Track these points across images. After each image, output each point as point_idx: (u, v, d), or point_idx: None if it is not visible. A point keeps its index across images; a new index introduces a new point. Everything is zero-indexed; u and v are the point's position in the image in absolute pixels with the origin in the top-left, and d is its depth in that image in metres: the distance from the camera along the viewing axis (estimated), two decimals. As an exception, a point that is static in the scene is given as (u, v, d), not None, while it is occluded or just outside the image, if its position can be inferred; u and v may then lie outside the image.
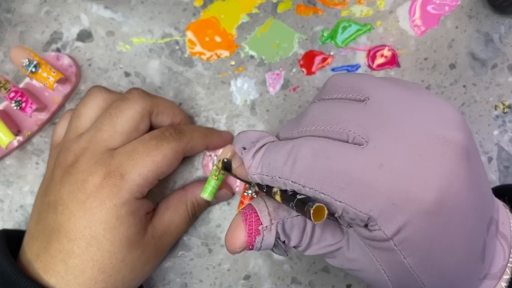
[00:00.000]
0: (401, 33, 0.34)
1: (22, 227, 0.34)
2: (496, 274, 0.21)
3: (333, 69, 0.34)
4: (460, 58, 0.34)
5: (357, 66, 0.34)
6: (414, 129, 0.19)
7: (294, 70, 0.34)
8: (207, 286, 0.34)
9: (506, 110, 0.34)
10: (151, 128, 0.31)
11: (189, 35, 0.35)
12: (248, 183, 0.28)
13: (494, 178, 0.34)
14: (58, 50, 0.35)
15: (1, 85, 0.31)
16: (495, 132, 0.34)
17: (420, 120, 0.19)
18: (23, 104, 0.31)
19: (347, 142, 0.20)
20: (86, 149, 0.28)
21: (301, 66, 0.34)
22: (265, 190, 0.23)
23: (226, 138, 0.33)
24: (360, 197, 0.18)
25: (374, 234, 0.19)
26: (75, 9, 0.35)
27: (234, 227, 0.22)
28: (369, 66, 0.34)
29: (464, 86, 0.34)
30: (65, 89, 0.34)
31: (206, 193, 0.30)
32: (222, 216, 0.34)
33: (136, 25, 0.35)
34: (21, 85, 0.34)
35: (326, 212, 0.18)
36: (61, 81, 0.33)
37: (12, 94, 0.31)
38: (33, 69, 0.31)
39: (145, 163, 0.27)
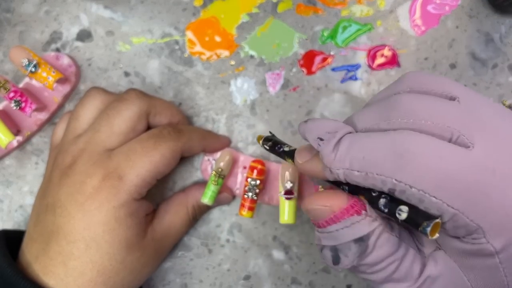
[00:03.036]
0: (402, 33, 0.34)
1: (22, 227, 0.34)
2: None
3: (333, 69, 0.34)
4: (460, 58, 0.34)
5: (357, 66, 0.34)
6: None
7: (294, 70, 0.34)
8: (207, 286, 0.34)
9: (506, 110, 0.34)
10: (149, 128, 0.30)
11: (189, 34, 0.35)
12: (320, 180, 0.23)
13: (495, 178, 0.34)
14: (57, 50, 0.35)
15: (1, 85, 0.31)
16: (496, 132, 0.34)
17: None
18: (23, 104, 0.31)
19: (449, 141, 0.18)
20: (83, 151, 0.28)
21: (301, 65, 0.34)
22: (348, 189, 0.20)
23: (224, 142, 0.33)
24: (474, 205, 0.17)
25: (478, 247, 0.17)
26: (75, 8, 0.35)
27: (334, 193, 0.20)
28: (369, 66, 0.34)
29: (465, 86, 0.34)
30: (65, 89, 0.34)
31: (207, 198, 0.30)
32: (222, 217, 0.34)
33: (136, 25, 0.35)
34: (20, 85, 0.34)
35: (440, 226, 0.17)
36: (61, 81, 0.33)
37: (12, 94, 0.31)
38: (33, 69, 0.31)
39: (143, 164, 0.27)
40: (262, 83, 0.34)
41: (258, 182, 0.30)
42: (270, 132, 0.27)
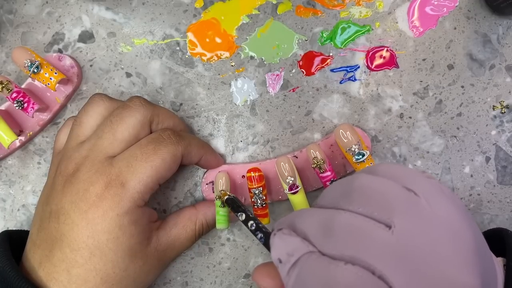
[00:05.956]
0: (400, 34, 0.35)
1: (24, 226, 0.35)
2: None
3: (332, 70, 0.35)
4: (458, 58, 0.35)
5: (356, 67, 0.35)
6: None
7: (293, 70, 0.35)
8: (207, 285, 0.34)
9: (504, 110, 0.34)
10: None
11: (190, 36, 0.35)
12: None
13: (492, 178, 0.34)
14: (59, 51, 0.35)
15: (3, 85, 0.31)
16: (493, 132, 0.34)
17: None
18: (25, 105, 0.32)
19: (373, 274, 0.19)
20: (86, 158, 0.28)
21: (301, 66, 0.35)
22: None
23: (219, 159, 0.33)
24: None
25: None
26: (77, 10, 0.35)
27: (273, 273, 0.23)
28: (368, 67, 0.35)
29: (462, 87, 0.34)
30: (67, 89, 0.34)
31: (221, 224, 0.31)
32: (222, 216, 0.34)
33: (137, 26, 0.35)
34: (23, 86, 0.34)
35: None
36: (63, 81, 0.33)
37: (14, 95, 0.32)
38: (35, 70, 0.31)
39: (144, 170, 0.27)
40: (262, 83, 0.35)
41: (261, 189, 0.31)
42: (234, 196, 0.30)
